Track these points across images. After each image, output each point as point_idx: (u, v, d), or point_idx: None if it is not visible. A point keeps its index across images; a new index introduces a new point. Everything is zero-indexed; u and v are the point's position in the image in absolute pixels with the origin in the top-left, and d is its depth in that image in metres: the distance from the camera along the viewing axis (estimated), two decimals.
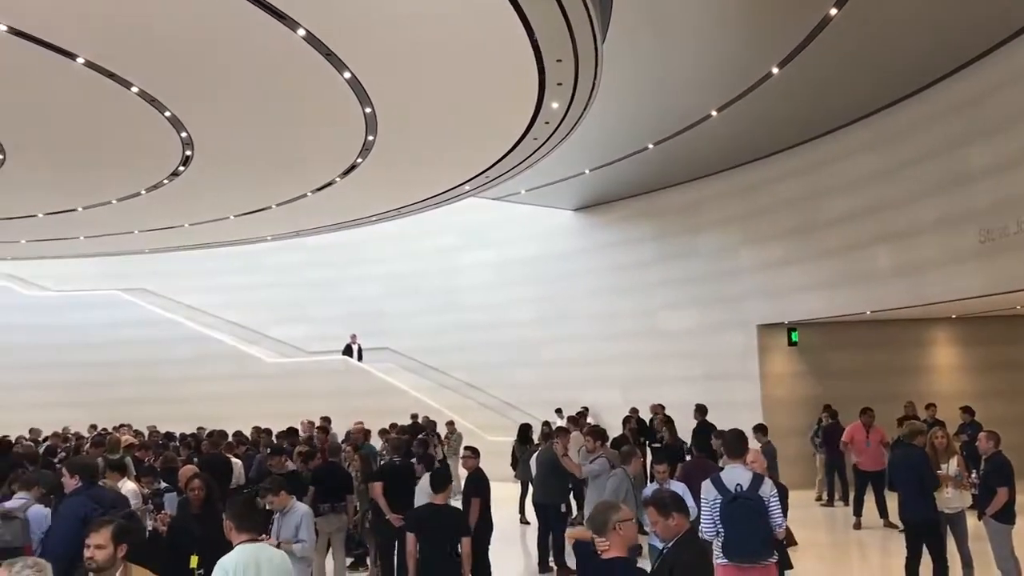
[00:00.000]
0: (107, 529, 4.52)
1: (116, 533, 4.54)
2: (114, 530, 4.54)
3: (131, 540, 4.64)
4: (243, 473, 11.64)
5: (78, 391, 22.46)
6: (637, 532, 4.47)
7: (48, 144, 12.44)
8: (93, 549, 4.48)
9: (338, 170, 14.22)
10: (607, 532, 4.37)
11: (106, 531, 4.51)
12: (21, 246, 20.49)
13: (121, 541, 4.55)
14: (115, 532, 4.54)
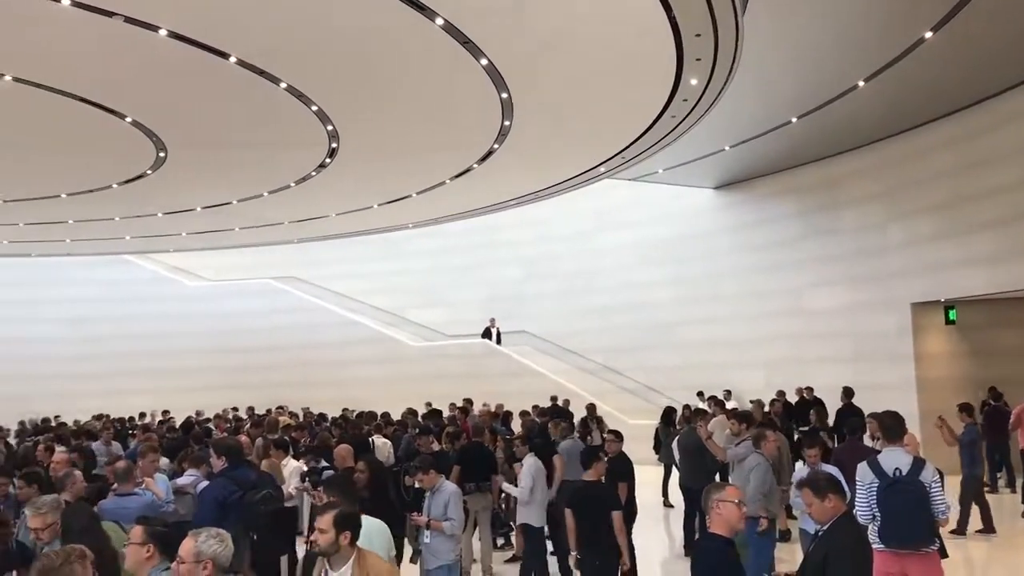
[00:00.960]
0: (329, 514, 4.33)
1: (338, 520, 4.33)
2: (336, 516, 4.33)
3: (356, 526, 4.41)
4: (392, 453, 12.04)
5: (237, 375, 23.70)
6: (739, 514, 4.54)
7: (205, 141, 13.13)
8: (316, 532, 4.35)
9: (475, 156, 14.42)
10: (709, 511, 4.59)
11: (328, 516, 4.32)
12: (182, 238, 21.79)
13: (344, 528, 4.34)
14: (337, 518, 4.32)
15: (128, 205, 17.22)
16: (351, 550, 4.35)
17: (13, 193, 16.01)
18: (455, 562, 7.17)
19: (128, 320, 25.14)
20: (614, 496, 7.29)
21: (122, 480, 6.77)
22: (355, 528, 4.40)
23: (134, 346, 24.71)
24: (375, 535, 5.22)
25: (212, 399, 21.31)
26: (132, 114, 11.66)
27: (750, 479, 7.86)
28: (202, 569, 3.80)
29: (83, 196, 16.15)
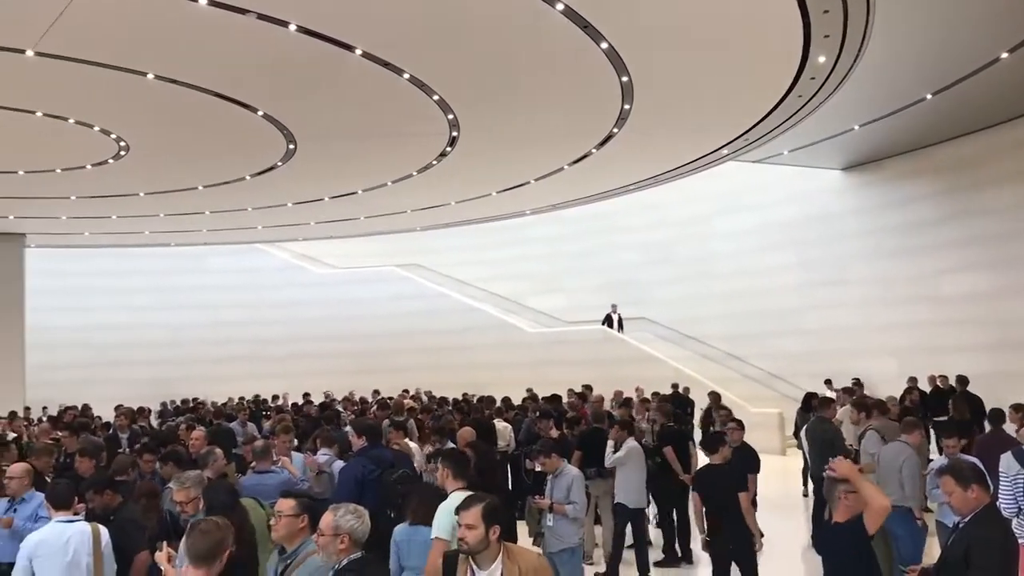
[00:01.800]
0: (476, 508, 3.97)
1: (487, 513, 3.96)
2: (484, 510, 3.96)
3: (503, 520, 4.04)
4: (512, 437, 12.19)
5: (361, 359, 24.44)
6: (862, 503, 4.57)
7: (331, 132, 13.52)
8: (464, 529, 3.99)
9: (594, 141, 14.35)
10: (835, 501, 4.71)
11: (475, 510, 3.97)
12: (311, 227, 22.55)
13: (494, 521, 3.98)
14: (485, 512, 3.96)
15: (260, 196, 17.93)
16: (499, 545, 4.01)
17: (154, 186, 16.90)
18: (578, 545, 7.21)
19: (260, 306, 26.25)
20: (741, 478, 7.23)
21: (260, 458, 7.10)
22: (503, 521, 4.03)
23: (266, 331, 25.79)
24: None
25: (338, 382, 22.06)
26: (263, 108, 12.12)
27: (902, 469, 7.59)
28: (339, 542, 3.96)
29: (218, 188, 16.91)
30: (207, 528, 3.94)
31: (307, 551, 4.32)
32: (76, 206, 18.41)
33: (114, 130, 13.06)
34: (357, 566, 3.95)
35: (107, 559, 5.57)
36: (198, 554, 3.84)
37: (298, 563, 4.29)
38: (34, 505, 6.56)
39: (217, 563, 3.84)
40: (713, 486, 7.13)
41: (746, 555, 6.99)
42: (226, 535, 3.90)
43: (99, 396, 21.25)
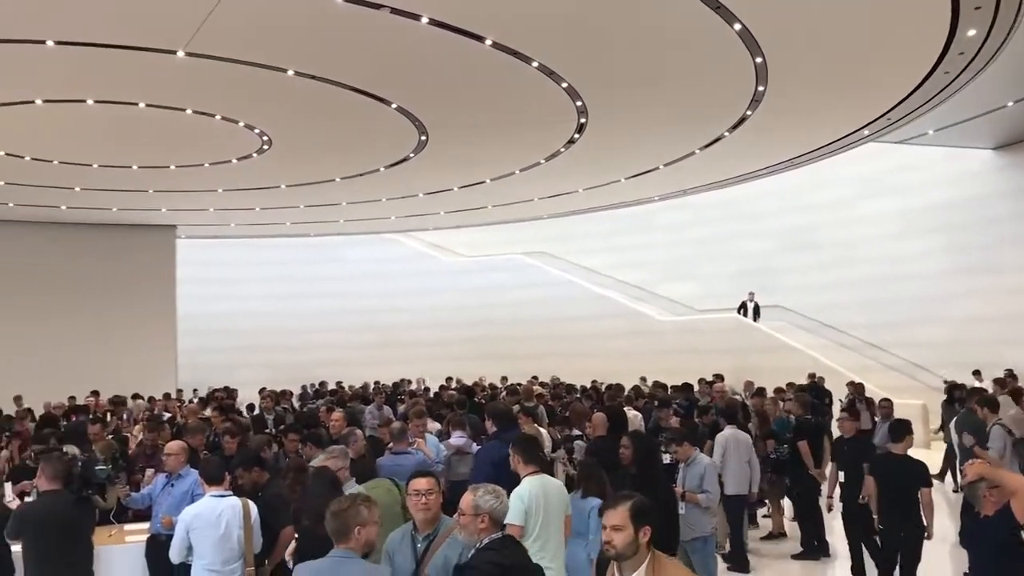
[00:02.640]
0: (623, 507, 3.59)
1: (635, 512, 3.58)
2: (633, 509, 3.58)
3: (653, 521, 3.63)
4: (643, 425, 12.09)
5: (491, 346, 24.77)
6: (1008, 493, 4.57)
7: (462, 122, 13.73)
8: (609, 531, 3.59)
9: (726, 125, 14.04)
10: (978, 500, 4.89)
11: (622, 509, 3.58)
12: (440, 217, 23.01)
13: (644, 522, 3.58)
14: (634, 511, 3.58)
15: (393, 187, 18.41)
16: (649, 551, 3.59)
17: (295, 178, 17.59)
18: (711, 535, 7.13)
19: (393, 294, 26.99)
20: (925, 473, 7.08)
21: (397, 440, 7.32)
22: (654, 521, 3.63)
23: (398, 318, 26.50)
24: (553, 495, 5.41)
25: (466, 368, 22.40)
26: (397, 100, 12.43)
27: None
28: (480, 522, 4.07)
29: (354, 180, 17.46)
30: (339, 508, 4.11)
31: (447, 528, 4.44)
32: (223, 198, 19.38)
33: (258, 125, 13.67)
34: (498, 545, 4.04)
35: (255, 533, 5.89)
36: (333, 531, 4.05)
37: (440, 541, 4.41)
38: (190, 481, 6.96)
39: (353, 539, 4.02)
40: (892, 475, 7.03)
41: (913, 548, 6.90)
42: (360, 508, 4.06)
43: (244, 379, 22.35)
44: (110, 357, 20.60)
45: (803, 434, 9.64)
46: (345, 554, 4.01)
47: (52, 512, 5.59)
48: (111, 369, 19.90)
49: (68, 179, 16.91)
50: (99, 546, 6.48)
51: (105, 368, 19.79)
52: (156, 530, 6.88)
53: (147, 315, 21.91)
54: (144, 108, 12.59)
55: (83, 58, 10.44)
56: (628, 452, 6.80)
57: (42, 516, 5.60)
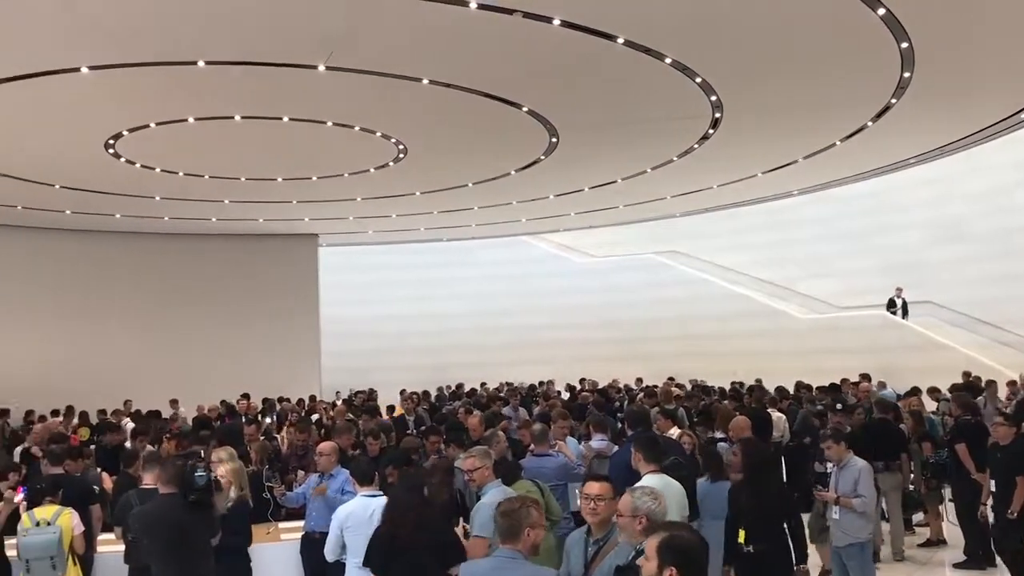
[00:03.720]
0: (655, 539, 3.28)
1: (663, 548, 3.23)
2: (662, 545, 3.24)
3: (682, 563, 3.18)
4: (787, 427, 11.73)
5: (624, 347, 24.57)
6: None
7: (593, 123, 13.67)
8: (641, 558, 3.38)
9: (869, 114, 13.44)
10: None
11: (654, 541, 3.28)
12: (571, 218, 23.00)
13: (671, 562, 3.18)
14: (662, 547, 3.23)
15: (524, 189, 18.53)
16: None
17: (428, 185, 17.96)
18: (868, 541, 6.83)
19: (525, 296, 27.12)
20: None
21: (539, 442, 7.34)
22: (686, 564, 3.20)
23: (531, 320, 26.60)
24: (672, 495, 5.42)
25: (600, 369, 22.30)
26: (528, 104, 12.49)
27: None
28: (637, 523, 4.02)
29: (486, 184, 17.67)
30: (508, 508, 4.16)
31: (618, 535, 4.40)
32: (361, 207, 19.99)
33: (394, 135, 14.02)
34: None
35: None
36: (503, 531, 4.09)
37: (609, 547, 4.37)
38: (341, 480, 7.20)
39: (521, 540, 4.05)
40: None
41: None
42: (530, 510, 4.11)
43: (384, 381, 22.98)
44: (258, 361, 21.57)
45: (962, 436, 9.10)
46: (512, 555, 4.04)
47: (163, 515, 5.68)
48: (259, 372, 20.83)
49: (218, 192, 17.81)
50: (255, 544, 6.77)
51: (253, 372, 20.72)
52: (310, 528, 7.15)
53: (292, 320, 22.84)
54: (288, 122, 13.13)
55: (231, 76, 10.96)
56: (736, 460, 6.37)
57: (154, 519, 5.73)
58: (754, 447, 6.47)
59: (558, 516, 6.57)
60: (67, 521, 6.39)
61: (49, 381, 18.60)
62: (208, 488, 5.68)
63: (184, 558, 5.69)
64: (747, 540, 5.83)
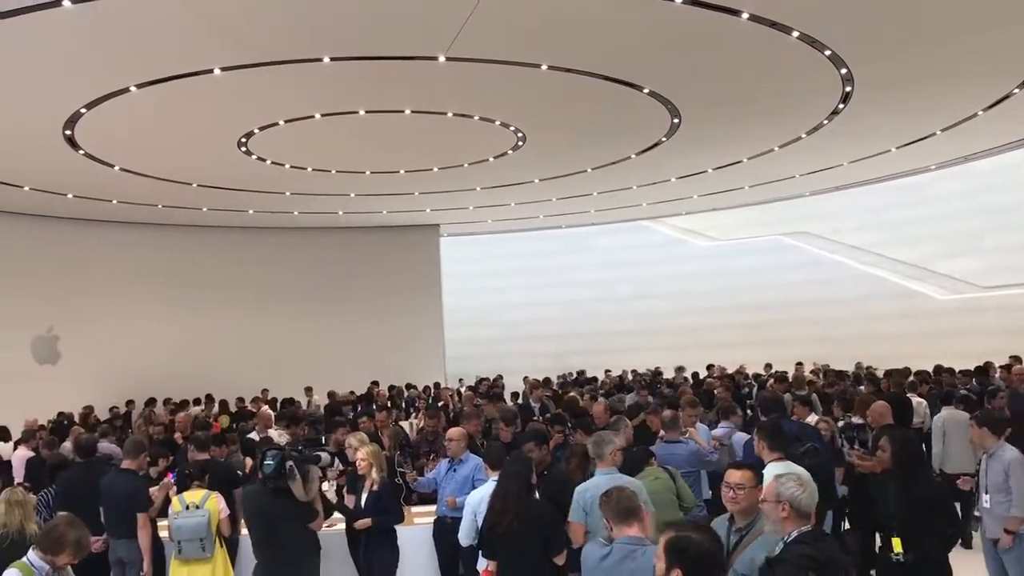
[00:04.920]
0: (664, 537, 3.34)
1: (670, 548, 3.26)
2: (669, 544, 3.27)
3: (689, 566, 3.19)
4: (928, 414, 11.19)
5: (750, 332, 23.96)
6: None
7: (717, 102, 13.32)
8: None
9: (1016, 80, 12.63)
10: None
11: (662, 540, 3.34)
12: (693, 201, 22.54)
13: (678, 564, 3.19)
14: (669, 547, 3.27)
15: (644, 173, 18.26)
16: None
17: (547, 172, 17.93)
18: None
19: (645, 282, 26.80)
20: None
21: (669, 428, 7.22)
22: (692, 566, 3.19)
23: (652, 305, 26.28)
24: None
25: (726, 355, 21.83)
26: (649, 85, 12.28)
27: None
28: (780, 510, 3.88)
29: (605, 169, 17.50)
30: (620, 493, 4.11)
31: (762, 524, 4.28)
32: (480, 196, 20.16)
33: (513, 123, 14.04)
34: (809, 538, 3.82)
35: None
36: (620, 515, 4.04)
37: (753, 536, 4.25)
38: (471, 465, 7.28)
39: (639, 521, 4.00)
40: None
41: None
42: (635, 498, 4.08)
43: (507, 368, 23.22)
44: (384, 350, 22.12)
45: None
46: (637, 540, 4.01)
47: (251, 501, 6.09)
48: (386, 361, 21.38)
49: (344, 186, 18.28)
50: None
51: (380, 360, 21.29)
52: (442, 513, 7.26)
53: (416, 310, 23.29)
54: (409, 115, 13.33)
55: (355, 71, 11.19)
56: (885, 454, 5.81)
57: (246, 505, 6.18)
58: (903, 436, 6.00)
59: (691, 503, 6.46)
60: (214, 504, 6.69)
61: (189, 372, 19.59)
62: (277, 475, 5.84)
63: (271, 543, 5.97)
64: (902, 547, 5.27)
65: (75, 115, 12.16)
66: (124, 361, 19.56)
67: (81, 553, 4.64)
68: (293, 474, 5.85)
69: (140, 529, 6.90)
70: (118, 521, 7.00)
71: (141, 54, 10.30)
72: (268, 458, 5.95)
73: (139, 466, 7.37)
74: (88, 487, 7.19)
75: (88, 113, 12.09)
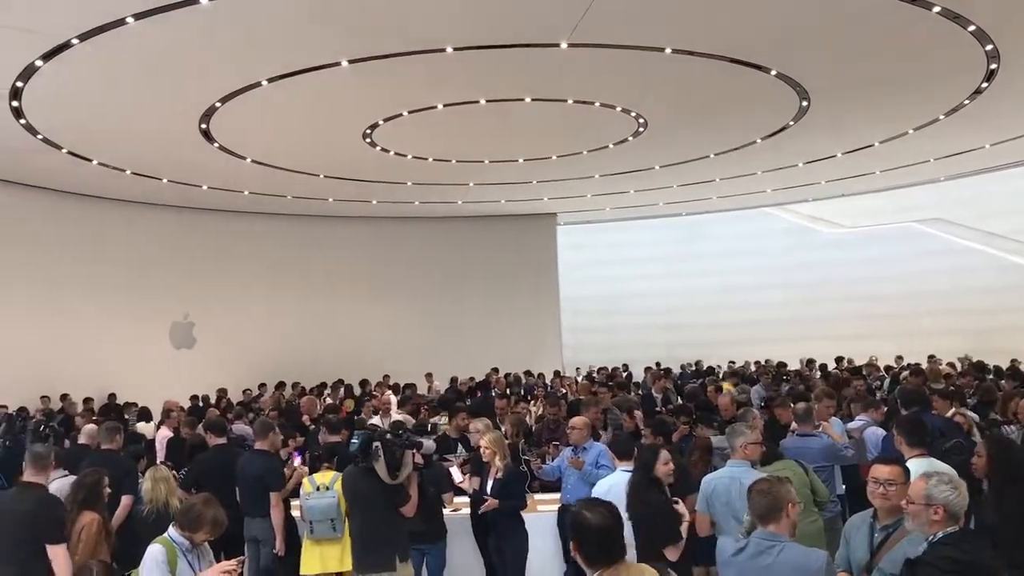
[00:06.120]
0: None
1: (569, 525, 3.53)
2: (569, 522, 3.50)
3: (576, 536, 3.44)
4: None
5: (880, 323, 23.01)
6: None
7: (849, 83, 12.79)
8: None
9: None
10: None
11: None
12: (821, 187, 21.74)
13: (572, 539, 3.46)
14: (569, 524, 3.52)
15: (770, 158, 17.73)
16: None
17: (668, 158, 17.63)
18: None
19: (766, 271, 26.03)
20: None
21: (803, 421, 6.97)
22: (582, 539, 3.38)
23: (774, 296, 25.52)
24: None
25: (852, 348, 21.06)
26: (776, 67, 11.88)
27: None
28: (932, 513, 3.67)
29: (729, 154, 17.08)
30: (764, 488, 3.97)
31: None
32: (599, 184, 19.99)
33: (634, 108, 13.85)
34: (955, 539, 3.61)
35: None
36: (762, 512, 3.91)
37: (900, 535, 4.05)
38: (594, 453, 7.24)
39: (784, 518, 3.86)
40: None
41: None
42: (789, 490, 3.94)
43: (624, 359, 23.04)
44: (502, 338, 22.27)
45: None
46: (774, 536, 3.87)
47: (347, 483, 6.24)
48: (504, 349, 21.52)
49: (464, 176, 18.45)
50: None
51: (498, 348, 21.44)
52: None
53: (533, 298, 23.36)
54: (529, 102, 13.32)
55: (477, 61, 11.24)
56: (982, 460, 5.42)
57: (344, 483, 6.33)
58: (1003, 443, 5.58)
59: (824, 498, 6.22)
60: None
61: (316, 357, 20.22)
62: (361, 453, 5.88)
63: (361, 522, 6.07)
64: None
65: (210, 109, 12.67)
66: (255, 346, 20.37)
67: (218, 530, 4.81)
68: (377, 455, 5.87)
69: (273, 508, 7.14)
70: (252, 500, 7.26)
71: (272, 49, 10.64)
72: (355, 437, 6.05)
73: (271, 446, 7.62)
74: (224, 467, 7.49)
75: (222, 107, 12.58)
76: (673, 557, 5.31)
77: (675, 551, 5.32)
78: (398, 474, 5.87)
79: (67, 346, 17.28)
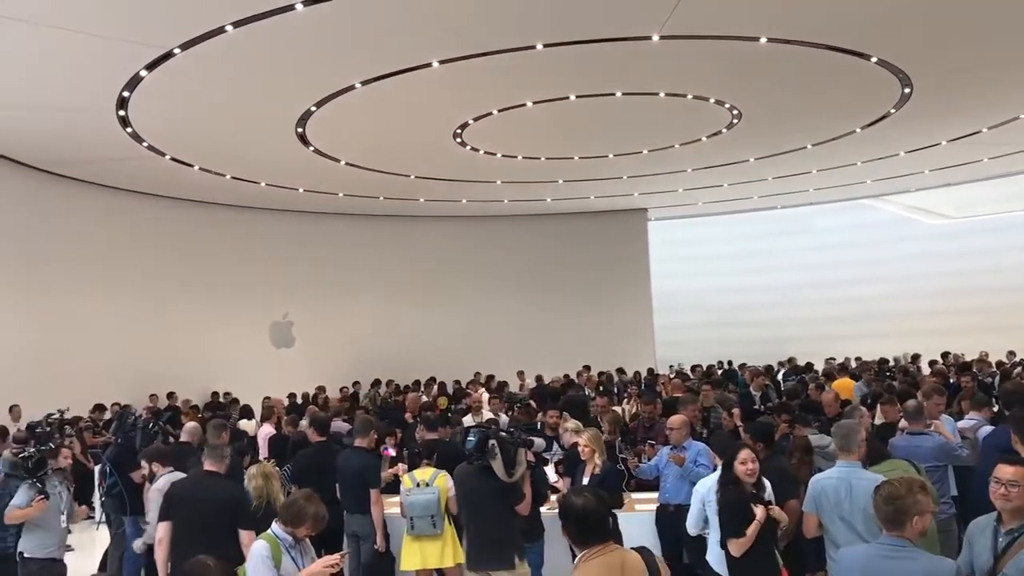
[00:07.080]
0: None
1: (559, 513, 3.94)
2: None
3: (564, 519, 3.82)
4: None
5: (989, 317, 22.01)
6: None
7: (954, 68, 12.27)
8: None
9: None
10: None
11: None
12: (924, 176, 20.92)
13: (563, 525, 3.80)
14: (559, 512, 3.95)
15: (870, 148, 17.16)
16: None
17: (763, 150, 17.22)
18: None
19: (867, 264, 25.20)
20: None
21: (912, 419, 6.70)
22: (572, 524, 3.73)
23: (875, 289, 24.69)
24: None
25: (959, 343, 20.18)
26: (877, 53, 11.46)
27: None
28: None
29: (826, 145, 16.59)
30: (893, 493, 3.81)
31: None
32: (691, 178, 19.69)
33: (728, 100, 13.57)
34: None
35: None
36: (887, 517, 3.78)
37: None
38: (692, 453, 7.10)
39: (908, 527, 3.71)
40: None
41: None
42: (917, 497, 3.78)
43: (718, 355, 22.62)
44: (594, 335, 22.15)
45: None
46: (899, 543, 3.72)
47: (460, 479, 6.28)
48: (595, 346, 21.39)
49: (553, 173, 18.41)
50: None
51: (590, 346, 21.33)
52: (664, 500, 7.13)
53: (624, 295, 23.17)
54: (620, 97, 13.19)
55: (567, 56, 11.17)
56: None
57: (456, 482, 6.41)
58: None
59: (936, 500, 5.94)
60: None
61: (409, 356, 20.51)
62: (478, 452, 5.89)
63: (475, 520, 6.07)
64: None
65: (306, 113, 12.95)
66: (350, 345, 20.78)
67: (319, 526, 4.90)
68: (494, 453, 5.89)
69: (373, 505, 7.23)
70: (352, 496, 7.37)
71: (365, 52, 10.80)
72: (471, 434, 6.08)
73: (370, 443, 7.73)
74: (324, 463, 7.63)
75: (317, 111, 12.84)
76: (735, 552, 5.30)
77: (737, 546, 5.30)
78: (513, 472, 5.88)
79: (171, 345, 17.95)
